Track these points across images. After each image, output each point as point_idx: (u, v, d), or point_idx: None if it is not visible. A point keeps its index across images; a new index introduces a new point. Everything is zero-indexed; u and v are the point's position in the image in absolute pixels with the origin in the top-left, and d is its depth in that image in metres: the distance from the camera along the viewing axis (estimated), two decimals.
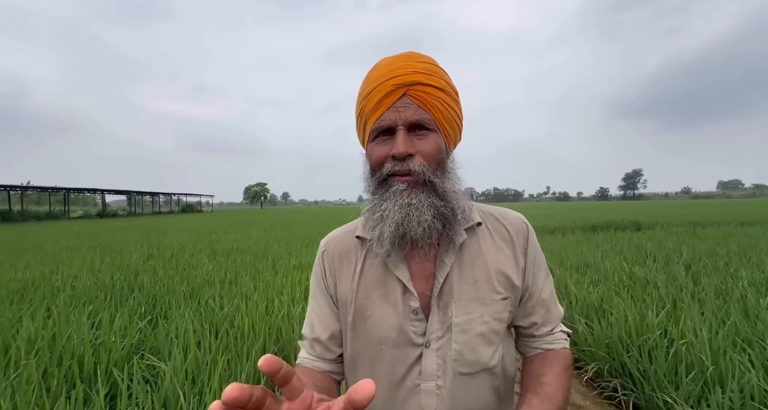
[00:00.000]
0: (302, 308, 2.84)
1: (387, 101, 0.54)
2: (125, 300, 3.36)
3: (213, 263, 5.13)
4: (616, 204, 56.97)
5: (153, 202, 54.35)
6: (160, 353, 2.19)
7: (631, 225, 10.89)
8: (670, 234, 7.80)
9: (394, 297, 0.60)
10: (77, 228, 15.35)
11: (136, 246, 7.68)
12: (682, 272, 3.94)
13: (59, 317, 2.53)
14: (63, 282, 3.98)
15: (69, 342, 2.09)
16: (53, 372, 1.80)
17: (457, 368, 0.59)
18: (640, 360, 2.23)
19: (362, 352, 0.62)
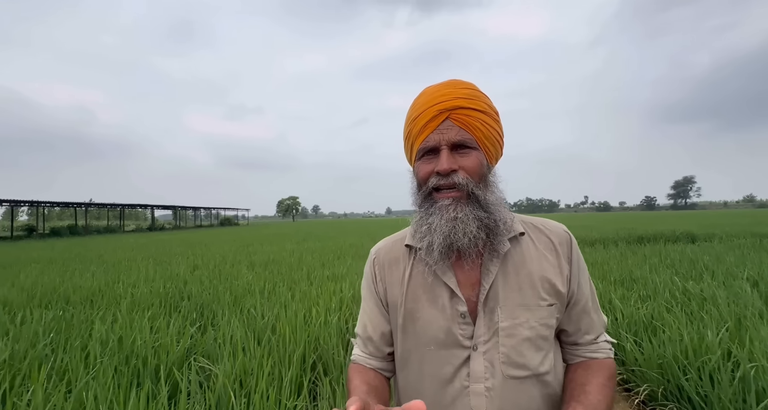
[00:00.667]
0: (338, 318, 2.92)
1: (432, 124, 0.61)
2: (177, 307, 3.64)
3: (252, 274, 5.41)
4: (664, 214, 52.46)
5: (195, 216, 58.19)
6: (209, 357, 2.36)
7: (684, 237, 10.00)
8: (731, 247, 7.07)
9: (441, 301, 0.64)
10: (131, 241, 16.78)
11: (183, 257, 8.26)
12: (748, 288, 3.57)
13: (124, 321, 2.80)
14: (124, 290, 4.39)
15: (134, 344, 2.32)
16: (122, 370, 2.00)
17: (506, 371, 0.61)
18: (700, 383, 2.05)
19: (412, 352, 0.66)
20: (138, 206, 41.31)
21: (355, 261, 6.61)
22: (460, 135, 0.60)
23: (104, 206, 37.62)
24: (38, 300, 4.04)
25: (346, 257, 7.39)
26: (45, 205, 30.35)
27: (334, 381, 2.11)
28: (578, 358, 0.69)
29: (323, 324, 2.73)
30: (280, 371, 2.06)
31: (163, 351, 2.25)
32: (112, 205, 37.51)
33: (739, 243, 7.87)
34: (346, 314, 3.12)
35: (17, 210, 31.31)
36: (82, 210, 36.39)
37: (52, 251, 11.75)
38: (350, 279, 4.54)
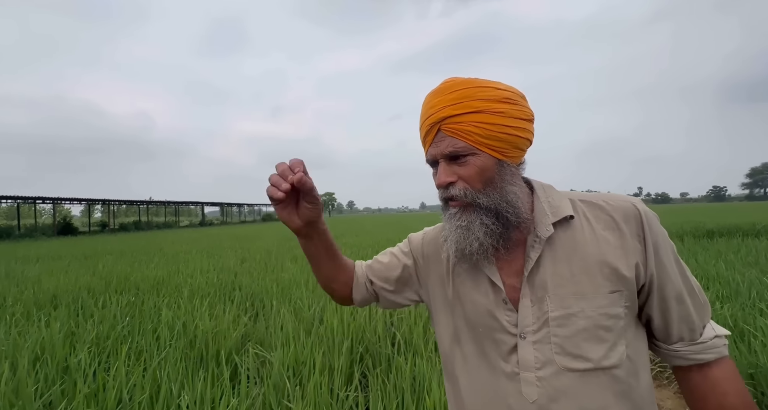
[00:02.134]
0: (382, 311, 2.93)
1: (428, 139, 0.62)
2: (230, 296, 3.88)
3: (296, 266, 5.62)
4: (738, 205, 46.27)
5: (239, 212, 62.05)
6: (263, 344, 2.47)
7: (765, 231, 8.75)
8: None
9: (484, 287, 0.64)
10: (186, 235, 18.30)
11: (232, 250, 8.82)
12: None
13: (186, 308, 3.04)
14: (183, 280, 4.77)
15: (196, 329, 2.50)
16: (188, 353, 2.16)
17: (562, 362, 0.57)
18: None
19: (463, 330, 0.66)
20: (190, 203, 45.05)
21: None
22: (452, 145, 0.59)
23: (162, 203, 41.50)
24: (114, 287, 4.53)
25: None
26: (114, 203, 34.14)
27: (383, 373, 2.11)
28: (682, 361, 0.59)
29: (368, 317, 2.75)
30: (330, 362, 2.11)
31: (221, 337, 2.40)
32: (168, 202, 41.30)
33: None
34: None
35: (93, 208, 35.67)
36: (144, 207, 40.46)
37: (122, 244, 13.16)
38: None
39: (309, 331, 2.61)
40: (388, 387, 1.84)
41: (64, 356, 2.11)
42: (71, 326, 2.77)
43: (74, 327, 2.78)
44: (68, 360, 2.02)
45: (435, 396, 1.66)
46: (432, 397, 1.66)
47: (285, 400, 1.74)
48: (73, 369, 1.92)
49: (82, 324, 2.83)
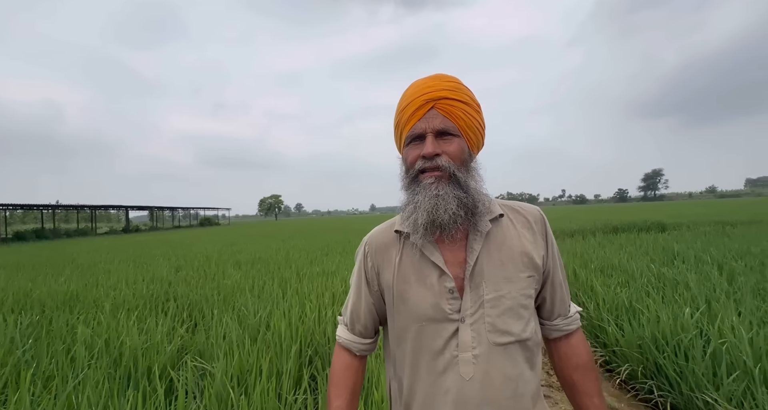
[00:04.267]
0: (332, 312, 2.93)
1: (419, 113, 0.66)
2: (163, 308, 3.53)
3: (239, 273, 5.31)
4: (636, 205, 55.05)
5: (173, 217, 56.18)
6: (203, 356, 2.32)
7: (655, 226, 10.56)
8: (698, 235, 7.54)
9: (430, 280, 0.69)
10: (106, 244, 16.04)
11: (164, 258, 7.99)
12: (715, 272, 3.83)
13: (109, 324, 2.70)
14: (104, 292, 4.21)
15: (122, 346, 2.25)
16: (113, 373, 1.94)
17: (492, 338, 0.67)
18: (675, 360, 2.21)
19: (406, 329, 0.71)
20: (111, 207, 39.39)
21: (344, 257, 6.60)
22: (444, 123, 0.66)
23: (73, 208, 35.64)
24: (9, 306, 3.82)
25: (334, 253, 7.36)
26: (6, 208, 28.46)
27: None
28: (558, 332, 0.76)
29: (317, 319, 2.73)
30: (278, 367, 2.06)
31: (154, 352, 2.20)
32: (81, 206, 35.58)
33: (704, 230, 8.41)
34: (340, 309, 3.13)
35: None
36: (48, 212, 34.40)
37: (19, 255, 11.08)
38: (341, 275, 4.54)
39: (255, 338, 2.51)
40: None
41: None
42: None
43: None
44: None
45: (384, 390, 1.73)
46: (380, 391, 1.73)
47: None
48: None
49: None
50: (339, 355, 0.79)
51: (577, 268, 4.36)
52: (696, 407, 2.01)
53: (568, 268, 4.39)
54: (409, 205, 0.68)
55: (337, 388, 0.75)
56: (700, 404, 1.97)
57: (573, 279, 4.01)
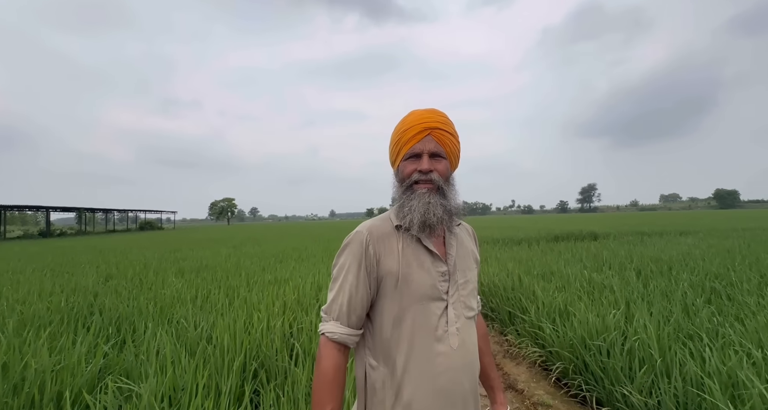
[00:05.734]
0: (281, 322, 2.81)
1: (418, 136, 0.85)
2: (85, 323, 3.12)
3: (181, 281, 4.89)
4: (574, 216, 60.80)
5: (106, 220, 50.30)
6: (129, 375, 2.08)
7: (589, 236, 11.73)
8: (622, 243, 8.51)
9: (426, 265, 0.85)
10: (18, 250, 13.84)
11: (91, 266, 7.10)
12: (634, 277, 4.35)
13: (10, 344, 2.32)
14: (9, 307, 3.61)
15: (25, 370, 1.94)
16: (9, 403, 1.66)
17: (465, 313, 0.87)
18: (599, 357, 2.45)
19: (408, 309, 0.82)
20: (26, 207, 34.16)
21: (299, 264, 6.39)
22: (437, 147, 0.86)
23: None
24: None
25: (288, 260, 7.10)
26: None
27: (278, 387, 2.03)
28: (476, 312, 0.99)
29: (265, 330, 2.60)
30: (217, 382, 1.92)
31: (67, 374, 1.92)
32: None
33: (628, 239, 9.53)
34: (290, 318, 3.01)
35: None
36: None
37: None
38: (294, 283, 4.38)
39: (194, 352, 2.31)
40: (282, 400, 1.78)
41: None
42: None
43: None
44: None
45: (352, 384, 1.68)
46: None
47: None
48: None
49: None
50: (330, 354, 0.80)
51: (522, 274, 4.67)
52: (615, 399, 2.24)
53: (514, 275, 4.69)
54: (404, 207, 0.84)
55: (331, 390, 0.77)
56: (619, 396, 2.20)
57: (518, 284, 4.28)
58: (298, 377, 1.97)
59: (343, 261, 0.85)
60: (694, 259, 5.38)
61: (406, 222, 0.83)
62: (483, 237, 11.38)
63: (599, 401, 2.39)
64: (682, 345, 2.37)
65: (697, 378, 1.96)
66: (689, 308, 3.04)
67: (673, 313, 2.87)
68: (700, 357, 2.15)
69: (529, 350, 3.14)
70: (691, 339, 2.49)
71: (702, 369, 2.01)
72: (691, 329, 2.57)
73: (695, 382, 1.95)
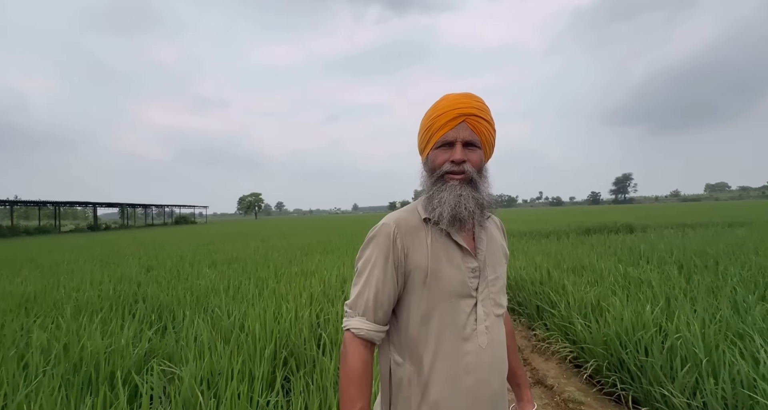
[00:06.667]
0: (309, 313, 2.90)
1: (451, 124, 0.78)
2: (131, 310, 3.38)
3: (215, 272, 5.15)
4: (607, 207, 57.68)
5: (146, 215, 53.74)
6: (172, 359, 2.23)
7: (624, 228, 11.11)
8: (661, 236, 8.00)
9: (456, 261, 0.80)
10: (70, 242, 15.13)
11: (134, 258, 7.63)
12: (675, 271, 4.08)
13: (69, 327, 2.55)
14: (66, 294, 3.97)
15: (83, 351, 2.13)
16: (71, 379, 1.83)
17: (495, 311, 0.83)
18: (637, 355, 2.33)
19: (436, 306, 0.78)
20: (77, 204, 37.18)
21: (324, 257, 6.54)
22: (471, 136, 0.79)
23: (35, 204, 33.35)
24: None
25: (314, 253, 7.28)
26: None
27: (307, 375, 2.10)
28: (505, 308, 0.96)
29: (294, 320, 2.69)
30: (250, 369, 2.01)
31: (118, 356, 2.09)
32: (43, 202, 33.33)
33: (668, 232, 8.93)
34: (317, 309, 3.10)
35: None
36: (5, 208, 32.06)
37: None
38: (320, 275, 4.49)
39: (228, 340, 2.44)
40: (311, 388, 1.85)
41: None
42: None
43: None
44: None
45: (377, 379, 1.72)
46: None
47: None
48: None
49: None
50: (357, 350, 0.76)
51: (551, 268, 4.51)
52: (654, 399, 2.13)
53: (542, 268, 4.54)
54: (433, 199, 0.79)
55: (360, 387, 0.73)
56: (658, 396, 2.09)
57: (546, 278, 4.15)
58: (326, 366, 2.03)
59: (368, 254, 0.80)
60: (746, 253, 4.96)
61: (435, 215, 0.78)
62: (509, 230, 11.09)
63: (636, 400, 2.28)
64: (731, 345, 2.20)
65: (749, 379, 1.82)
66: (739, 305, 2.82)
67: (720, 310, 2.67)
68: (752, 358, 1.99)
69: (559, 345, 3.05)
70: (741, 338, 2.31)
71: (755, 370, 1.86)
72: (741, 328, 2.39)
73: (746, 384, 1.81)
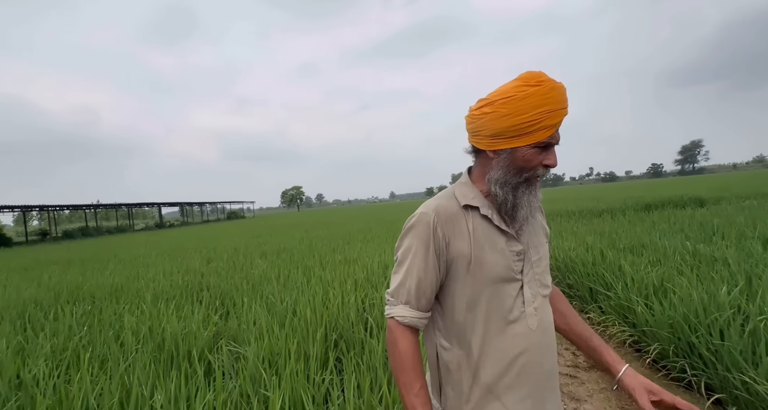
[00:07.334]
0: (354, 298, 3.02)
1: (558, 124, 0.72)
2: (198, 297, 3.78)
3: (266, 262, 5.55)
4: (672, 180, 51.55)
5: (201, 212, 58.84)
6: (236, 341, 2.48)
7: (693, 202, 9.92)
8: (741, 208, 7.03)
9: (500, 246, 0.79)
10: (143, 239, 17.13)
11: (195, 251, 8.45)
12: (759, 247, 3.59)
13: (151, 312, 2.93)
14: (145, 284, 4.54)
15: (164, 332, 2.44)
16: (158, 356, 2.12)
17: (542, 292, 0.82)
18: (710, 339, 2.12)
19: (482, 292, 0.78)
20: (145, 205, 41.85)
21: (365, 245, 6.71)
22: None
23: (112, 207, 38.20)
24: (65, 298, 4.21)
25: (355, 242, 7.50)
26: (55, 209, 30.88)
27: (357, 355, 2.21)
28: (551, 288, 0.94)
29: (341, 305, 2.83)
30: (305, 350, 2.17)
31: (192, 337, 2.37)
32: (119, 205, 38.07)
33: (749, 204, 7.80)
34: (362, 294, 3.22)
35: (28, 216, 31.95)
36: (91, 212, 37.09)
37: (69, 252, 12.07)
38: (362, 262, 4.63)
39: (283, 324, 2.64)
40: (362, 368, 1.95)
41: (16, 372, 1.99)
42: (20, 342, 2.57)
43: (24, 342, 2.59)
44: (21, 375, 1.90)
45: None
46: None
47: (262, 389, 1.79)
48: (28, 384, 1.82)
49: (32, 338, 2.65)
50: (404, 336, 0.77)
51: (604, 249, 4.20)
52: (733, 386, 1.94)
53: (595, 249, 4.25)
54: (508, 194, 0.76)
55: (415, 370, 0.76)
56: (738, 383, 1.90)
57: (600, 259, 3.88)
58: (374, 347, 2.12)
59: (408, 243, 0.79)
60: None
61: (505, 209, 0.78)
62: (556, 210, 10.45)
63: (709, 387, 2.09)
64: None
65: None
66: None
67: None
68: None
69: (617, 329, 2.87)
70: None
71: None
72: None
73: None
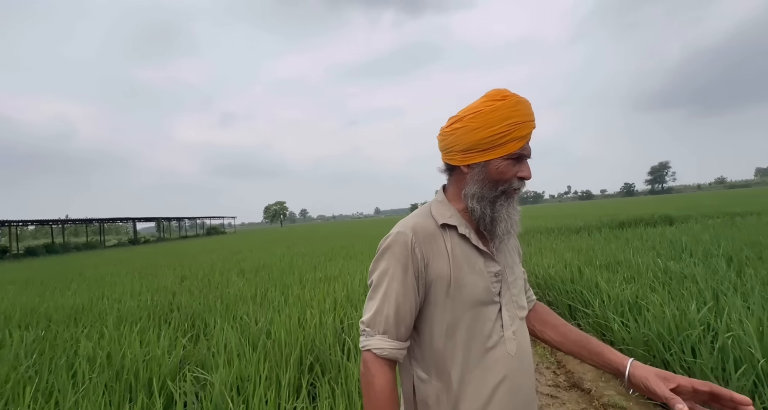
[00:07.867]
0: (332, 318, 2.92)
1: (526, 138, 0.72)
2: (167, 319, 3.55)
3: (243, 281, 5.33)
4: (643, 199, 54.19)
5: (179, 227, 56.71)
6: (204, 366, 2.32)
7: (662, 220, 10.40)
8: (706, 227, 7.41)
9: (478, 266, 0.76)
10: (114, 256, 16.23)
11: (169, 269, 8.05)
12: (723, 264, 3.75)
13: (111, 337, 2.72)
14: (109, 305, 4.25)
15: (124, 359, 2.26)
16: (113, 386, 1.94)
17: (519, 314, 0.79)
18: (683, 356, 2.15)
19: (461, 316, 0.73)
20: (118, 220, 39.96)
21: (347, 262, 6.59)
22: None
23: (82, 222, 36.23)
24: (17, 321, 3.87)
25: (337, 259, 7.36)
26: (17, 225, 28.99)
27: (333, 380, 2.11)
28: (530, 302, 0.90)
29: (318, 326, 2.72)
30: (277, 374, 2.05)
31: (155, 364, 2.20)
32: (90, 220, 36.16)
33: (713, 222, 8.25)
34: (341, 314, 3.12)
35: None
36: (58, 227, 35.05)
37: (29, 271, 11.26)
38: (343, 280, 4.53)
39: (256, 346, 2.50)
40: (336, 393, 1.85)
41: None
42: None
43: None
44: None
45: None
46: None
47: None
48: None
49: None
50: (381, 371, 0.70)
51: (582, 265, 4.29)
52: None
53: (572, 265, 4.33)
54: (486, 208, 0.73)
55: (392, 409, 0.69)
56: None
57: (578, 276, 3.94)
58: (351, 371, 2.03)
59: (384, 266, 0.73)
60: None
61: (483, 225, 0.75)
62: (536, 227, 10.70)
63: None
64: None
65: None
66: None
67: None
68: None
69: None
70: None
71: None
72: None
73: None
